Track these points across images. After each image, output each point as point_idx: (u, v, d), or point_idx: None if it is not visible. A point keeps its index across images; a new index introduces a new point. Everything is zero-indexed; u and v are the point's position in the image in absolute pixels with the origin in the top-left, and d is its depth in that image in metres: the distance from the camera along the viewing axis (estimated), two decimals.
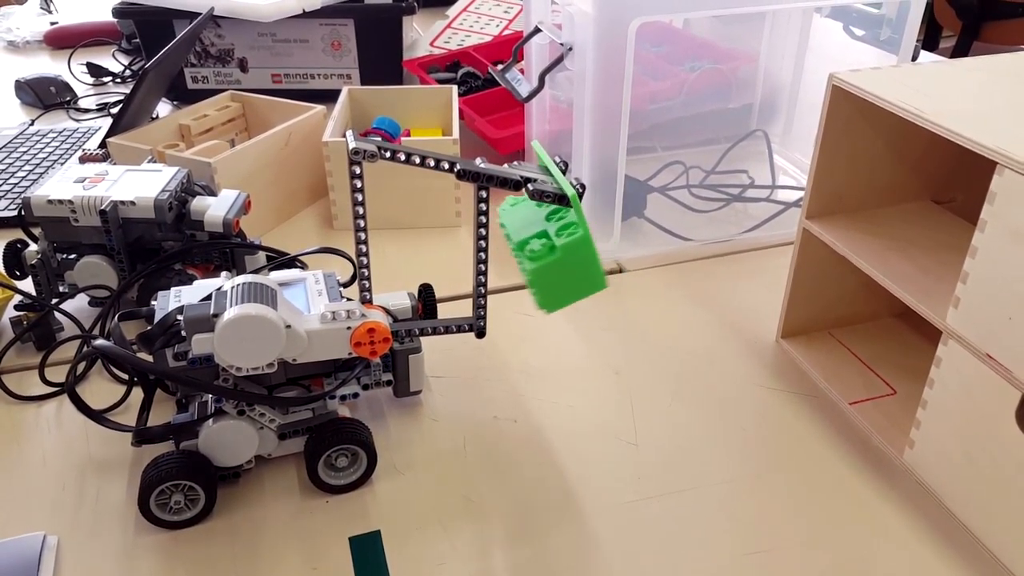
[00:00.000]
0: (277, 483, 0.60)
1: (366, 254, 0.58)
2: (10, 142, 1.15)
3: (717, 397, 0.68)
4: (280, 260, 0.75)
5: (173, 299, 0.57)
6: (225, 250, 0.79)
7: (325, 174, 0.90)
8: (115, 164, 0.80)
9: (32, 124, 1.25)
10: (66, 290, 0.76)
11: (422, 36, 1.44)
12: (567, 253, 0.53)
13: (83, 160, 0.95)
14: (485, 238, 0.59)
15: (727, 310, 0.79)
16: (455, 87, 1.03)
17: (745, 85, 1.07)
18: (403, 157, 0.54)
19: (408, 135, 1.03)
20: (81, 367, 0.70)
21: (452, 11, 1.49)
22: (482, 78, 1.20)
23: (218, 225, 0.74)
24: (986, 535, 0.54)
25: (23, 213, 0.72)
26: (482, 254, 0.59)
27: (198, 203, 0.75)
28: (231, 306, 0.51)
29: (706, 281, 0.83)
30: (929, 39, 2.45)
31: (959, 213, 0.68)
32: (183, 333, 0.53)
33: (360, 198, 0.56)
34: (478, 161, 0.56)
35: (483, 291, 0.61)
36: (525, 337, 0.75)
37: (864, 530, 0.56)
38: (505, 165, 0.57)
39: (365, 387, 0.61)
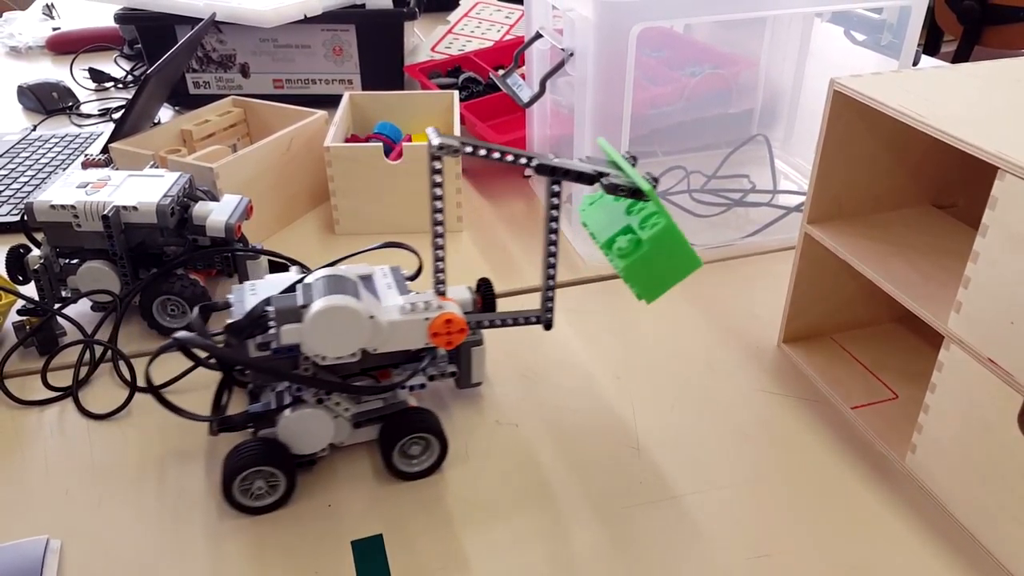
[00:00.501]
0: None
1: (442, 247, 0.59)
2: (12, 147, 1.15)
3: (718, 402, 0.68)
4: (342, 258, 0.75)
5: (248, 292, 0.59)
6: (227, 255, 0.79)
7: (327, 179, 0.90)
8: (117, 169, 0.80)
9: (34, 129, 1.25)
10: (68, 295, 0.76)
11: (423, 41, 1.45)
12: (654, 244, 0.54)
13: (85, 165, 0.95)
14: (556, 231, 0.60)
15: (728, 315, 0.79)
16: (456, 92, 1.04)
17: (746, 90, 1.07)
18: (483, 152, 0.55)
19: (409, 140, 1.03)
20: (87, 370, 0.70)
21: (453, 17, 1.49)
22: (483, 83, 1.21)
23: (220, 230, 0.74)
24: (988, 539, 0.54)
25: (26, 218, 0.72)
26: (552, 247, 0.61)
27: (200, 208, 0.75)
28: (318, 298, 0.53)
29: (707, 286, 0.83)
30: (930, 44, 2.45)
31: (960, 218, 0.68)
32: (270, 324, 0.54)
33: (439, 192, 0.57)
34: (551, 156, 0.57)
35: (552, 284, 0.62)
36: (525, 342, 0.75)
37: (866, 534, 0.56)
38: (576, 160, 0.57)
39: (431, 378, 0.63)
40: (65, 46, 1.61)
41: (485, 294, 0.66)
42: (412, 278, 0.64)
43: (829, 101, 0.62)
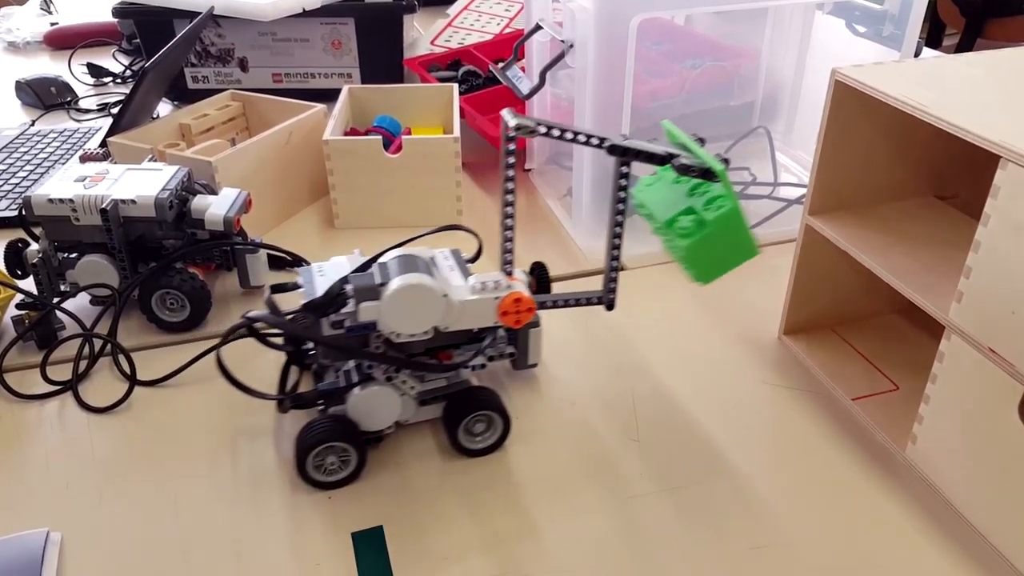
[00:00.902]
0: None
1: (512, 228, 0.59)
2: (11, 142, 1.15)
3: (719, 394, 0.68)
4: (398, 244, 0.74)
5: (316, 273, 0.61)
6: (226, 249, 0.79)
7: (326, 173, 0.90)
8: (116, 163, 0.80)
9: (33, 124, 1.25)
10: (67, 289, 0.76)
11: (423, 35, 1.44)
12: (719, 226, 0.54)
13: (84, 159, 0.95)
14: (623, 212, 0.61)
15: (729, 307, 0.79)
16: (456, 85, 1.03)
17: (747, 82, 1.07)
18: (557, 133, 0.56)
19: (409, 134, 1.03)
20: (87, 364, 0.70)
21: (453, 9, 1.49)
22: (483, 76, 1.20)
23: (219, 224, 0.74)
24: (988, 529, 0.54)
25: (24, 212, 0.72)
26: (618, 228, 0.62)
27: (199, 202, 0.75)
28: (393, 277, 0.54)
29: None
30: (932, 37, 2.44)
31: (962, 209, 0.67)
32: (349, 302, 0.55)
33: (511, 173, 0.57)
34: (622, 138, 0.57)
35: (616, 264, 0.63)
36: None
37: (867, 525, 0.56)
38: (645, 141, 0.58)
39: (490, 358, 0.64)
40: (63, 41, 1.61)
41: (540, 277, 0.67)
42: (472, 260, 0.65)
43: (831, 91, 0.61)
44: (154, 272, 0.73)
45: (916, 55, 0.86)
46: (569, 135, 0.56)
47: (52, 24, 1.68)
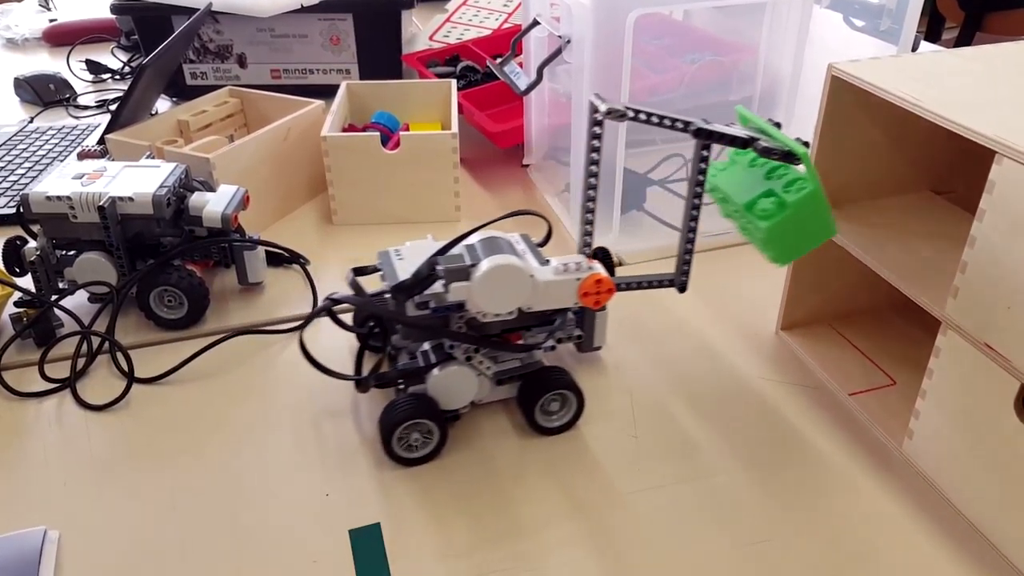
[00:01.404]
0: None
1: (592, 211, 0.61)
2: (9, 139, 1.15)
3: (717, 389, 0.68)
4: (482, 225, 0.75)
5: (395, 257, 0.63)
6: (224, 246, 0.79)
7: (324, 169, 0.90)
8: (113, 160, 0.80)
9: (31, 121, 1.25)
10: (65, 286, 0.76)
11: (421, 30, 1.44)
12: (800, 207, 0.55)
13: (81, 156, 0.95)
14: (700, 195, 0.62)
15: (727, 302, 0.79)
16: (454, 81, 1.03)
17: (745, 77, 1.07)
18: (644, 117, 0.58)
19: (407, 129, 1.02)
20: (85, 362, 0.70)
21: (451, 5, 1.48)
22: (481, 72, 1.20)
23: (216, 221, 0.74)
24: (985, 525, 0.54)
25: (22, 210, 0.72)
26: (695, 212, 0.63)
27: (196, 199, 0.75)
28: (479, 259, 0.56)
29: (706, 274, 0.83)
30: (931, 30, 2.44)
31: (958, 203, 0.67)
32: (435, 283, 0.57)
33: (596, 157, 0.60)
34: (703, 121, 0.59)
35: (691, 248, 0.64)
36: None
37: (863, 520, 0.56)
38: (724, 126, 0.59)
39: (559, 340, 0.65)
40: (62, 38, 1.61)
41: (604, 261, 0.68)
42: (542, 244, 0.66)
43: (827, 86, 0.61)
44: (152, 269, 0.73)
45: (914, 49, 0.86)
46: (656, 119, 0.58)
47: (51, 20, 1.68)
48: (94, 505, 0.58)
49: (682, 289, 0.65)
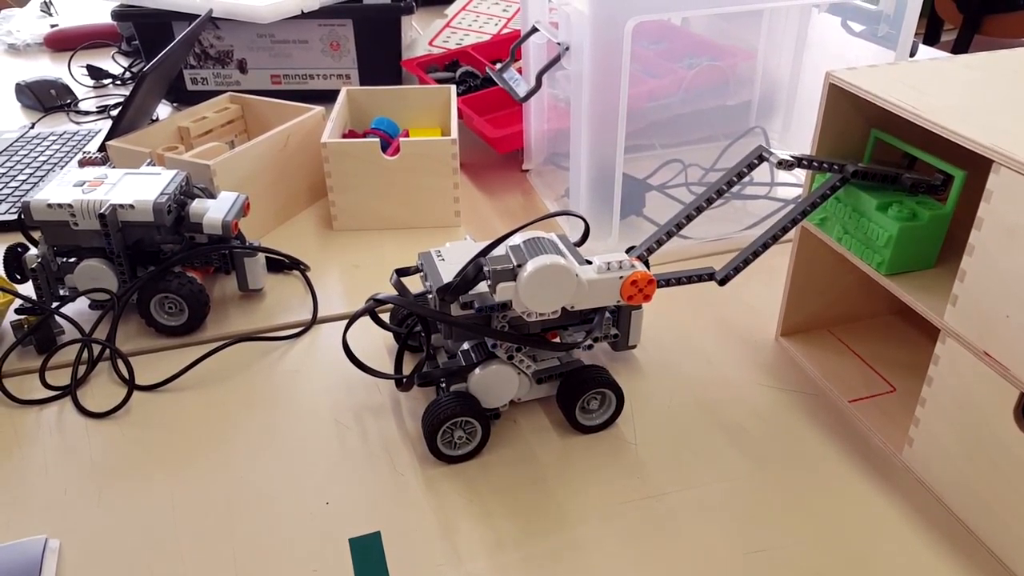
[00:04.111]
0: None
1: (681, 226, 0.62)
2: (10, 145, 1.15)
3: (716, 395, 0.68)
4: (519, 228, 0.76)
5: (436, 258, 0.64)
6: (224, 252, 0.79)
7: (324, 175, 0.90)
8: (114, 167, 0.80)
9: (32, 127, 1.25)
10: (66, 293, 0.76)
11: (421, 35, 1.44)
12: (934, 222, 0.58)
13: (82, 164, 0.95)
14: (803, 217, 0.63)
15: (726, 308, 0.79)
16: (454, 87, 1.03)
17: (744, 82, 1.07)
18: (806, 163, 0.60)
19: (407, 135, 1.03)
20: (86, 369, 0.70)
21: (451, 10, 1.49)
22: (481, 77, 1.20)
23: (217, 227, 0.74)
24: (984, 532, 0.54)
25: (23, 217, 0.72)
26: (790, 226, 0.63)
27: (197, 206, 0.75)
28: (524, 259, 0.56)
29: None
30: (930, 33, 2.44)
31: (957, 210, 0.67)
32: (488, 283, 0.57)
33: (731, 182, 0.62)
34: (854, 164, 0.61)
35: (760, 252, 0.64)
36: None
37: (863, 528, 0.56)
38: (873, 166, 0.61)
39: (596, 339, 0.65)
40: (63, 43, 1.61)
41: (642, 259, 0.68)
42: (579, 244, 0.66)
43: (825, 94, 0.61)
44: (152, 276, 0.73)
45: (912, 54, 0.86)
46: (816, 164, 0.60)
47: (52, 26, 1.69)
48: (95, 513, 0.58)
49: (723, 282, 0.65)
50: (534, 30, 0.90)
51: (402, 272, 0.67)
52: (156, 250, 0.75)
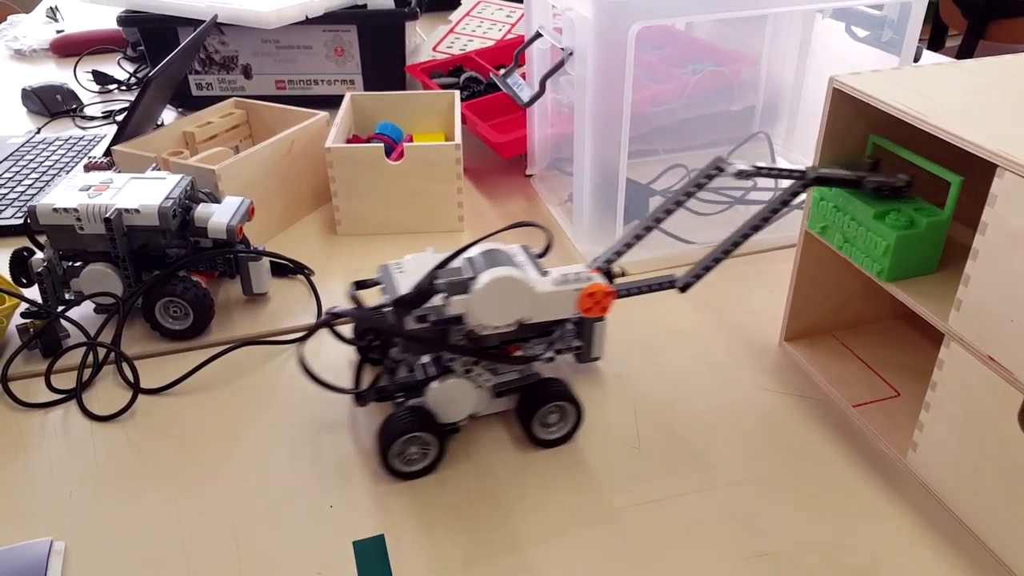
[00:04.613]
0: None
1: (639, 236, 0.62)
2: (16, 150, 1.16)
3: (720, 400, 0.68)
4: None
5: (395, 271, 0.63)
6: (229, 257, 0.79)
7: (328, 180, 0.91)
8: (120, 172, 0.81)
9: (38, 132, 1.26)
10: (72, 297, 0.76)
11: (425, 41, 1.45)
12: (932, 229, 0.58)
13: (88, 168, 0.96)
14: (768, 220, 0.61)
15: (730, 313, 0.79)
16: (457, 92, 1.04)
17: (747, 87, 1.07)
18: (766, 171, 0.59)
19: (411, 140, 1.03)
20: (91, 372, 0.71)
21: (455, 16, 1.49)
22: (484, 83, 1.21)
23: (222, 232, 0.75)
24: (989, 537, 0.54)
25: (29, 221, 0.73)
26: (751, 232, 0.62)
27: (202, 210, 0.76)
28: (480, 271, 0.56)
29: (709, 284, 0.83)
30: (934, 39, 2.44)
31: (961, 215, 0.67)
32: (435, 297, 0.57)
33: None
34: (815, 170, 0.61)
35: (721, 259, 0.63)
36: None
37: (867, 532, 0.56)
38: (837, 170, 0.61)
39: (558, 351, 0.64)
40: (69, 49, 1.62)
41: (604, 269, 0.68)
42: (542, 255, 0.66)
43: (828, 99, 0.62)
44: (157, 280, 0.74)
45: (916, 60, 0.86)
46: (775, 172, 0.60)
47: (58, 32, 1.70)
48: (100, 515, 0.58)
49: (684, 289, 0.65)
50: (538, 35, 0.91)
51: (361, 284, 0.66)
52: (161, 254, 0.76)
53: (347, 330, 0.74)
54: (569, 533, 0.56)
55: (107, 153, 1.09)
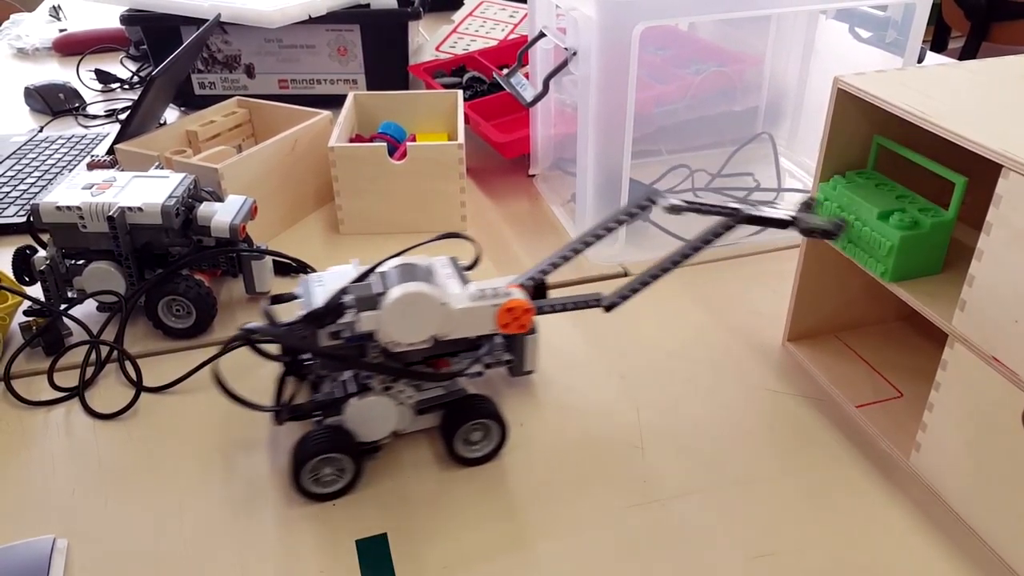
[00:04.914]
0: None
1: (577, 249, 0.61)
2: (19, 148, 1.16)
3: (723, 401, 0.68)
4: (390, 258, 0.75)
5: (315, 284, 0.60)
6: (232, 256, 0.79)
7: (331, 179, 0.91)
8: (123, 170, 0.81)
9: (41, 131, 1.26)
10: (75, 296, 0.76)
11: (428, 41, 1.45)
12: (936, 230, 0.58)
13: (91, 167, 0.96)
14: (696, 252, 0.61)
15: (733, 314, 0.79)
16: (460, 92, 1.04)
17: (751, 88, 1.07)
18: (697, 207, 0.59)
19: (414, 140, 1.03)
20: (94, 370, 0.71)
21: (458, 16, 1.49)
22: (487, 82, 1.21)
23: (224, 231, 0.75)
24: (993, 538, 0.54)
25: (32, 219, 0.73)
26: (679, 261, 0.61)
27: (205, 209, 0.76)
28: (393, 286, 0.54)
29: (712, 285, 0.83)
30: (937, 40, 2.44)
31: (965, 216, 0.67)
32: (348, 312, 0.55)
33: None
34: (748, 208, 0.60)
35: (650, 281, 0.62)
36: None
37: (870, 533, 0.56)
38: (768, 208, 0.60)
39: (488, 366, 0.63)
40: (71, 47, 1.62)
41: (537, 284, 0.67)
42: (470, 268, 0.65)
43: (833, 99, 0.62)
44: (160, 279, 0.74)
45: (920, 60, 0.86)
46: (707, 208, 0.59)
47: (61, 31, 1.70)
48: (102, 513, 0.58)
49: (609, 308, 0.63)
50: (541, 35, 0.90)
51: (276, 299, 0.63)
52: (164, 253, 0.76)
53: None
54: (573, 532, 0.56)
55: (110, 152, 1.09)
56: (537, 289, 0.67)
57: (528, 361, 0.67)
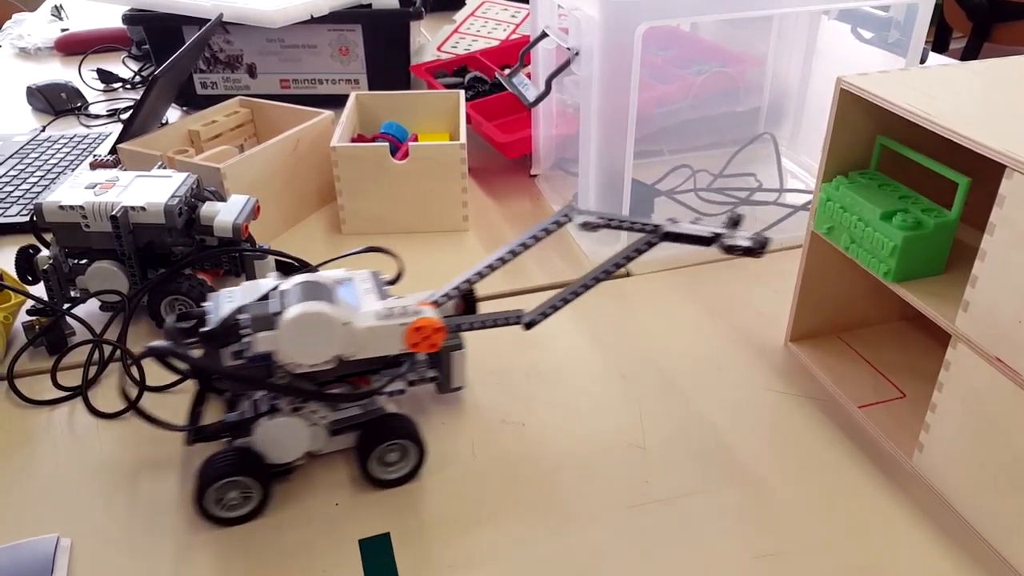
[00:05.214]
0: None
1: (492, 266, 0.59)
2: (21, 148, 1.16)
3: (725, 401, 0.68)
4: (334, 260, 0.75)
5: (226, 299, 0.58)
6: (234, 255, 0.79)
7: (333, 179, 0.91)
8: (125, 170, 0.81)
9: (43, 130, 1.26)
10: (77, 295, 0.76)
11: (429, 41, 1.45)
12: (939, 230, 0.58)
13: (94, 166, 0.96)
14: (617, 269, 0.60)
15: (735, 314, 0.79)
16: (462, 92, 1.04)
17: (753, 88, 1.07)
18: (616, 224, 0.58)
19: (416, 140, 1.03)
20: (96, 370, 0.71)
21: (459, 16, 1.49)
22: (489, 83, 1.21)
23: (227, 230, 0.75)
24: (996, 539, 0.54)
25: (35, 219, 0.73)
26: (598, 279, 0.60)
27: (207, 208, 0.76)
28: (292, 304, 0.52)
29: (714, 285, 0.83)
30: (939, 41, 2.44)
31: (968, 216, 0.67)
32: (244, 332, 0.54)
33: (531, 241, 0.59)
34: (670, 222, 0.59)
35: (571, 298, 0.60)
36: (532, 341, 0.76)
37: (873, 533, 0.56)
38: (690, 224, 0.60)
39: (411, 383, 0.62)
40: (74, 47, 1.62)
41: (466, 299, 0.66)
42: (392, 282, 0.63)
43: (836, 99, 0.62)
44: (163, 278, 0.74)
45: (922, 61, 0.86)
46: (627, 224, 0.59)
47: (63, 30, 1.70)
48: (105, 512, 0.58)
49: (529, 326, 0.60)
50: (544, 35, 0.91)
51: (184, 316, 0.59)
52: (167, 252, 0.76)
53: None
54: (576, 531, 0.56)
55: (112, 151, 1.09)
56: (467, 302, 0.65)
57: (455, 377, 0.65)
